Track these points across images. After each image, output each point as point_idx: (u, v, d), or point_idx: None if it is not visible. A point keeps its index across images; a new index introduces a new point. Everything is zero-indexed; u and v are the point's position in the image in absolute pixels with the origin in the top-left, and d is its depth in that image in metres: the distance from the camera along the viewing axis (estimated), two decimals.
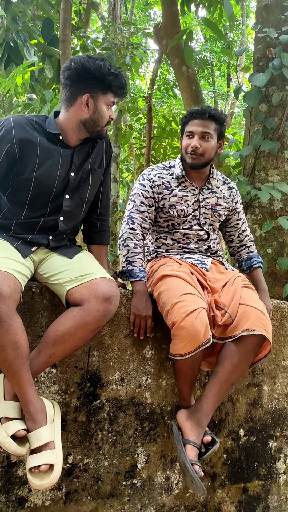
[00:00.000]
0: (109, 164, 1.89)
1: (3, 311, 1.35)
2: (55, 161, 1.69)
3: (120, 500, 1.78)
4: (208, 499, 1.94)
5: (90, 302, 1.47)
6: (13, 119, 1.66)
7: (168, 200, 2.03)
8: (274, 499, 2.08)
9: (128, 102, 5.20)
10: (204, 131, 1.98)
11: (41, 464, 1.40)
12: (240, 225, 2.19)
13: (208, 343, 1.62)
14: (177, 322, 1.61)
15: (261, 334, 1.68)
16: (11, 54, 3.15)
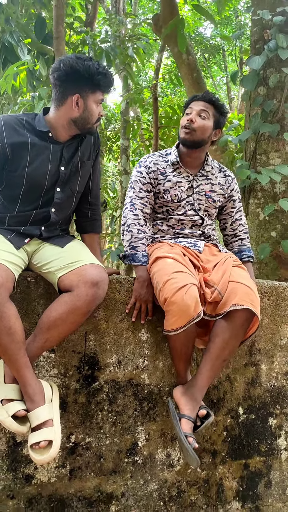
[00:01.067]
0: (98, 156, 1.95)
1: None
2: (45, 157, 1.77)
3: (123, 476, 1.87)
4: (210, 475, 2.01)
5: (80, 288, 1.55)
6: (3, 119, 1.75)
7: (162, 185, 2.09)
8: (276, 474, 2.13)
9: (134, 94, 5.23)
10: (202, 109, 2.06)
11: (40, 441, 1.49)
12: (234, 213, 2.23)
13: (199, 318, 1.68)
14: (168, 298, 1.68)
15: (249, 309, 1.73)
16: (7, 55, 3.24)
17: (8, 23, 3.08)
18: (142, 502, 1.89)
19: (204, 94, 2.10)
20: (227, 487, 2.03)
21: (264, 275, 3.24)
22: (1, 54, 3.24)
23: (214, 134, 2.12)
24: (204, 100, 2.08)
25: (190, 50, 3.99)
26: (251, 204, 3.27)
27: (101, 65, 1.75)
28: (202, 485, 1.99)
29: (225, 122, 2.15)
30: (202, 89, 4.00)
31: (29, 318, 1.74)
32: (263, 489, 2.10)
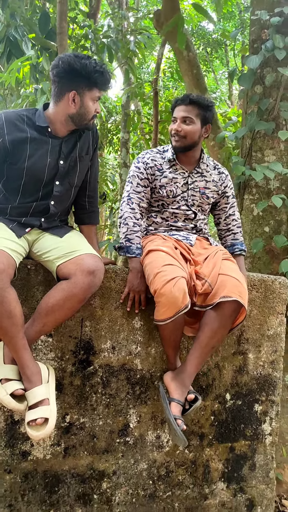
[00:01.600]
0: (96, 150, 2.03)
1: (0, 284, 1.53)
2: (44, 152, 1.85)
3: (115, 456, 1.97)
4: (197, 456, 2.12)
5: (77, 276, 1.65)
6: (4, 115, 1.83)
7: (159, 181, 2.18)
8: (260, 458, 2.24)
9: (135, 88, 5.29)
10: (185, 116, 2.12)
11: (37, 418, 1.59)
12: (227, 209, 2.32)
13: (186, 309, 1.78)
14: (158, 290, 1.77)
15: (237, 300, 1.82)
16: (12, 48, 3.31)
17: (13, 18, 3.15)
18: (132, 480, 2.00)
19: (183, 98, 2.15)
20: (213, 469, 2.14)
21: (257, 269, 3.33)
22: (6, 48, 3.31)
23: (204, 131, 2.20)
24: (185, 104, 2.13)
25: (191, 47, 4.06)
26: (245, 200, 3.36)
27: (98, 63, 1.82)
28: (189, 465, 2.10)
29: (213, 115, 2.20)
30: (202, 86, 4.08)
31: (29, 303, 1.83)
32: (248, 471, 2.21)
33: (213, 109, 2.20)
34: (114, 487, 1.97)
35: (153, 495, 2.03)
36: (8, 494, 1.80)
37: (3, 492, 1.80)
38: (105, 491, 1.95)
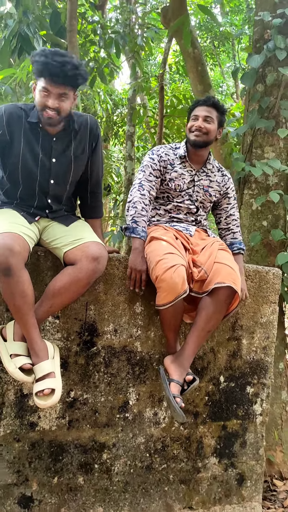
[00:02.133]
0: (96, 148, 2.10)
1: (14, 265, 1.68)
2: (36, 147, 1.95)
3: (115, 430, 2.13)
4: (191, 433, 2.28)
5: (82, 262, 1.79)
6: (4, 108, 1.94)
7: (169, 174, 2.33)
8: (251, 436, 2.40)
9: (141, 82, 5.41)
10: (207, 115, 2.30)
11: (44, 388, 1.74)
12: (228, 209, 2.46)
13: (185, 294, 1.93)
14: (159, 276, 1.92)
15: (231, 287, 1.97)
16: (23, 44, 3.42)
17: (26, 15, 3.26)
18: (130, 453, 2.16)
19: (206, 99, 2.34)
20: (206, 445, 2.30)
21: (255, 262, 3.47)
22: (18, 43, 3.43)
23: (218, 133, 2.37)
24: (207, 105, 2.31)
25: (196, 44, 4.16)
26: (245, 195, 3.48)
27: (52, 54, 1.80)
28: (184, 441, 2.26)
29: (225, 119, 2.40)
30: (206, 82, 4.19)
31: (38, 286, 1.98)
32: (239, 448, 2.37)
33: (226, 112, 2.40)
34: (113, 458, 2.13)
35: (149, 467, 2.19)
36: (16, 461, 1.97)
37: (12, 459, 1.96)
38: (105, 461, 2.11)
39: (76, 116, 2.06)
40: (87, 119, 2.07)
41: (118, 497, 2.13)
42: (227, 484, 2.35)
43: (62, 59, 1.81)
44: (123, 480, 2.15)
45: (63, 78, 1.83)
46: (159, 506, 2.21)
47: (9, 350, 1.82)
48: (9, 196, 2.03)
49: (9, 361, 1.79)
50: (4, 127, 1.91)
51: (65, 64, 1.81)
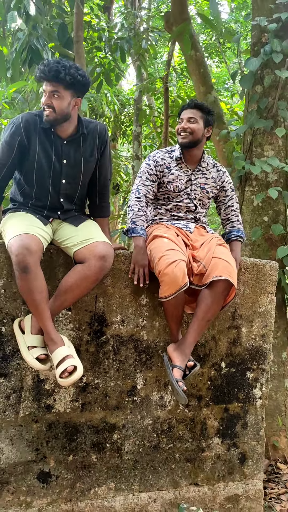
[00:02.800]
0: (105, 151, 2.30)
1: (32, 263, 1.87)
2: (49, 150, 2.16)
3: (124, 412, 2.32)
4: (195, 415, 2.45)
5: (90, 260, 1.98)
6: (21, 116, 2.17)
7: (167, 177, 2.50)
8: (251, 418, 2.57)
9: (146, 84, 5.57)
10: (190, 116, 2.47)
11: (67, 367, 1.92)
12: (226, 201, 2.63)
13: (186, 286, 2.10)
14: (161, 270, 2.10)
15: (227, 280, 2.14)
16: (33, 56, 3.62)
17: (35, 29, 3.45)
18: (139, 433, 2.35)
19: (189, 103, 2.51)
20: (209, 426, 2.48)
21: (257, 256, 3.63)
22: (28, 55, 3.63)
23: (206, 132, 2.53)
24: (190, 108, 2.48)
25: (198, 47, 4.32)
26: (246, 191, 3.64)
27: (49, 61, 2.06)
28: (188, 422, 2.44)
29: (214, 119, 2.56)
30: (208, 84, 4.34)
31: (51, 282, 2.17)
32: (240, 429, 2.54)
33: (214, 114, 2.55)
34: (123, 438, 2.32)
35: (157, 446, 2.38)
36: (35, 440, 2.17)
37: (31, 438, 2.16)
38: (116, 441, 2.30)
39: (86, 122, 2.27)
40: (96, 125, 2.27)
41: (129, 474, 2.32)
42: (230, 462, 2.52)
43: (55, 63, 2.04)
44: (133, 459, 2.33)
45: (52, 76, 2.03)
46: (167, 482, 2.40)
47: (27, 342, 2.01)
48: (25, 196, 2.23)
49: (27, 352, 1.99)
50: (22, 133, 2.13)
51: (56, 65, 2.03)
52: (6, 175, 2.19)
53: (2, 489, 2.10)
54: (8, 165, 2.16)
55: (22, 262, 1.84)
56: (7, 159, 2.15)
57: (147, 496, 2.35)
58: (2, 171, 2.17)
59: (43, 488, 2.17)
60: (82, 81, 2.08)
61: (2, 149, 2.15)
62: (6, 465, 2.11)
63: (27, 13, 3.38)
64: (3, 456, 2.11)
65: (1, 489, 2.10)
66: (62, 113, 2.10)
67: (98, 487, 2.27)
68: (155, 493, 2.37)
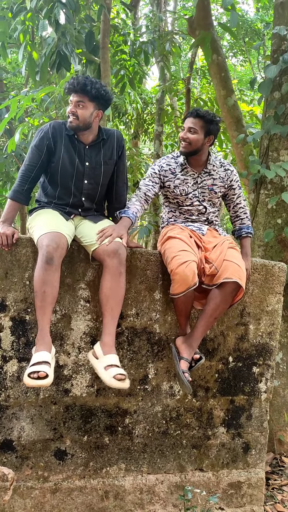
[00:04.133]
0: (121, 156, 2.51)
1: (57, 257, 2.06)
2: (73, 153, 2.39)
3: (136, 399, 2.50)
4: (202, 405, 2.61)
5: (106, 260, 2.17)
6: (50, 123, 2.41)
7: (173, 182, 2.65)
8: (256, 410, 2.71)
9: (168, 86, 5.70)
10: (190, 126, 2.57)
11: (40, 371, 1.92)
12: (235, 199, 2.77)
13: (195, 286, 2.26)
14: (173, 270, 2.26)
15: (236, 282, 2.29)
16: (61, 61, 3.81)
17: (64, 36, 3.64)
18: (149, 419, 2.52)
19: (192, 111, 2.59)
20: (215, 416, 2.64)
21: (269, 257, 3.75)
22: (56, 60, 3.82)
23: (207, 141, 2.61)
24: (192, 117, 2.57)
25: (220, 51, 4.43)
26: (261, 194, 3.76)
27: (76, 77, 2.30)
28: (196, 412, 2.60)
29: (217, 128, 2.61)
30: (229, 88, 4.45)
31: (73, 275, 2.36)
32: (245, 420, 2.69)
33: (218, 123, 2.60)
34: (134, 423, 2.49)
35: (165, 432, 2.55)
36: (53, 420, 2.36)
37: (50, 418, 2.36)
38: (127, 425, 2.48)
39: (105, 130, 2.50)
40: (114, 132, 2.50)
41: (138, 456, 2.50)
42: (234, 451, 2.68)
43: (83, 78, 2.28)
44: (143, 442, 2.51)
45: (80, 88, 2.27)
46: (174, 466, 2.56)
47: (103, 363, 2.09)
48: (49, 196, 2.44)
49: (104, 372, 2.06)
50: (50, 138, 2.37)
51: (84, 80, 2.28)
52: (36, 176, 2.40)
53: (22, 464, 2.31)
54: (37, 167, 2.37)
55: (49, 253, 2.03)
56: (37, 161, 2.36)
57: (155, 477, 2.52)
58: (32, 172, 2.38)
59: (59, 465, 2.36)
60: (105, 96, 2.32)
61: (32, 152, 2.36)
62: (26, 441, 2.31)
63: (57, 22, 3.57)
64: (24, 433, 2.31)
65: (22, 464, 2.31)
66: (84, 121, 2.33)
67: (110, 466, 2.45)
68: (162, 475, 2.54)
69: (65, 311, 2.36)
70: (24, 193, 2.40)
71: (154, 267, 2.51)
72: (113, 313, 2.18)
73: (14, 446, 2.30)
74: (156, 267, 2.52)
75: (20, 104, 3.69)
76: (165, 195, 2.72)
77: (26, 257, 2.31)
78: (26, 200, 2.42)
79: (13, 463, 2.30)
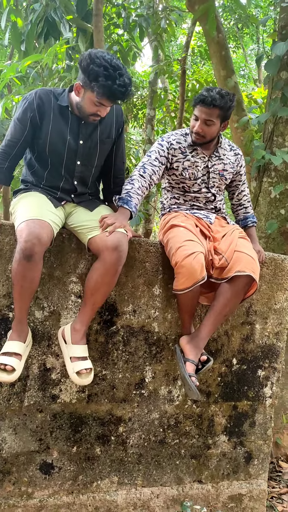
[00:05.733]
0: (121, 134, 2.20)
1: (39, 253, 1.78)
2: (64, 128, 2.05)
3: (131, 405, 2.25)
4: (203, 411, 2.38)
5: (104, 254, 1.89)
6: (35, 92, 2.05)
7: (182, 163, 2.37)
8: (260, 417, 2.50)
9: (163, 66, 5.39)
10: (206, 119, 2.24)
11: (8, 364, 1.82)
12: (240, 186, 2.52)
13: (203, 280, 2.01)
14: (178, 262, 2.00)
15: (250, 275, 2.04)
16: (50, 28, 3.46)
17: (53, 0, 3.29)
18: (145, 427, 2.28)
19: (208, 101, 2.20)
20: (217, 423, 2.41)
21: (271, 249, 3.52)
22: (44, 27, 3.47)
23: (223, 126, 2.33)
24: (208, 107, 2.20)
25: (221, 29, 4.14)
26: (264, 182, 3.52)
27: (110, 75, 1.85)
28: (196, 419, 2.37)
29: (230, 113, 2.30)
30: (229, 67, 4.18)
31: (63, 268, 2.08)
32: (248, 428, 2.47)
33: (234, 105, 2.30)
34: (129, 431, 2.25)
35: (162, 441, 2.31)
36: (39, 430, 2.10)
37: (35, 428, 2.09)
38: (121, 434, 2.23)
39: None
40: (113, 107, 2.14)
41: (132, 468, 2.26)
42: (235, 461, 2.46)
43: (124, 82, 1.87)
44: (138, 452, 2.27)
45: (120, 99, 1.95)
46: (171, 478, 2.34)
47: (70, 353, 1.96)
48: (37, 177, 2.12)
49: (70, 363, 1.94)
50: (35, 110, 2.02)
51: (126, 88, 1.89)
52: (18, 153, 2.09)
53: (3, 479, 2.04)
54: (20, 143, 2.06)
55: (29, 250, 1.75)
56: (19, 137, 2.05)
57: (150, 491, 2.29)
58: (14, 149, 2.07)
59: (45, 480, 2.11)
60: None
61: (15, 126, 2.05)
62: (8, 454, 2.05)
63: None
64: (5, 445, 2.04)
65: (3, 479, 2.04)
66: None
67: (101, 480, 2.21)
68: (158, 488, 2.31)
69: (53, 307, 2.09)
70: (5, 172, 2.09)
71: (154, 259, 2.25)
72: (95, 305, 1.98)
73: None
74: (156, 259, 2.26)
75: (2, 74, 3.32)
76: (168, 178, 2.44)
77: (10, 246, 2.02)
78: (5, 179, 2.12)
79: None
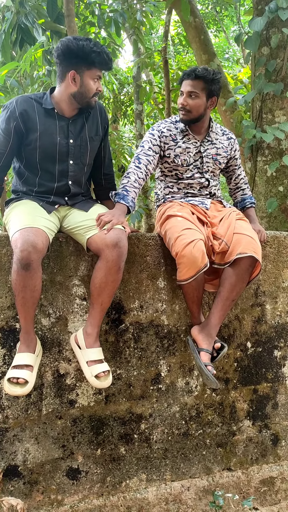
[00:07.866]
0: (107, 131, 2.20)
1: (35, 261, 1.75)
2: (53, 131, 2.03)
3: (150, 401, 2.23)
4: (224, 398, 2.35)
5: (105, 251, 1.86)
6: (15, 100, 2.03)
7: (173, 150, 2.34)
8: (282, 397, 2.46)
9: (144, 58, 5.35)
10: (190, 90, 2.23)
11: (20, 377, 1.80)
12: (236, 170, 2.48)
13: (206, 267, 1.98)
14: (179, 252, 1.97)
15: (252, 256, 2.01)
16: (24, 35, 3.44)
17: (23, 6, 3.27)
18: (167, 421, 2.26)
19: (189, 72, 2.23)
20: (239, 409, 2.38)
21: (274, 228, 3.48)
22: (18, 35, 3.45)
23: (210, 103, 2.30)
24: (191, 79, 2.21)
25: (196, 13, 4.09)
26: (259, 162, 3.47)
27: (96, 44, 1.95)
28: (217, 407, 2.35)
29: (219, 87, 2.29)
30: (210, 51, 4.12)
31: (63, 272, 2.06)
32: (271, 410, 2.44)
33: (219, 81, 2.27)
34: (151, 428, 2.23)
35: (186, 433, 2.29)
36: (61, 437, 2.09)
37: (56, 435, 2.08)
38: (143, 431, 2.22)
39: None
40: (96, 104, 2.13)
41: (159, 463, 2.25)
42: (263, 444, 2.43)
43: (105, 49, 1.96)
44: (163, 447, 2.25)
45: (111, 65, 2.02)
46: (199, 469, 2.32)
47: (85, 357, 1.94)
48: (28, 184, 2.10)
49: (87, 368, 1.92)
50: (17, 118, 2.00)
51: (109, 53, 1.98)
52: (5, 164, 2.07)
53: (31, 490, 2.04)
54: (6, 154, 2.04)
55: (25, 259, 1.73)
56: (5, 147, 2.03)
57: (180, 484, 2.27)
58: (0, 161, 2.05)
59: (73, 485, 2.10)
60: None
61: None
62: (33, 464, 2.04)
63: None
64: (29, 456, 2.03)
65: (31, 490, 2.04)
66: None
67: (129, 479, 2.19)
68: (187, 481, 2.29)
69: (59, 313, 2.08)
70: None
71: (155, 252, 2.23)
72: (103, 306, 1.95)
73: (20, 472, 2.03)
74: (156, 251, 2.23)
75: None
76: (161, 167, 2.41)
77: (8, 257, 2.01)
78: None
79: (21, 491, 2.03)
